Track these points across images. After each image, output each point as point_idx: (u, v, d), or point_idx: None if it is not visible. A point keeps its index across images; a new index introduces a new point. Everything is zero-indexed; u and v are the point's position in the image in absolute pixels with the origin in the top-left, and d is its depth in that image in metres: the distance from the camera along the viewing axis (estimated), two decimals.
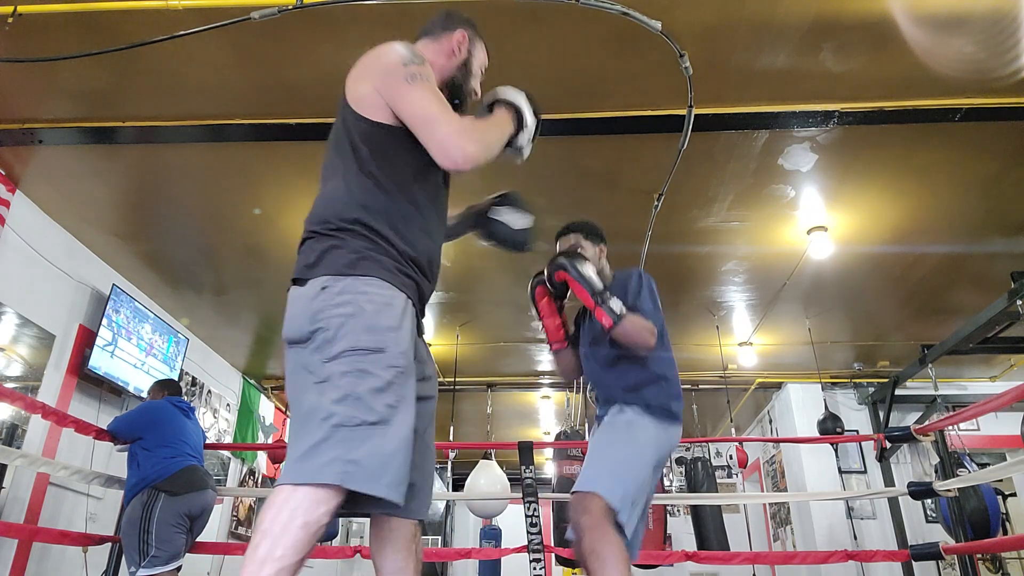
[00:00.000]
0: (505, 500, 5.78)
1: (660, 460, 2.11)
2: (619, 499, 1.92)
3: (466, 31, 1.71)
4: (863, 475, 6.72)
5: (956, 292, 5.14)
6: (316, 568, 7.90)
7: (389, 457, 1.25)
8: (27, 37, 2.88)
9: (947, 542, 3.64)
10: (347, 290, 1.36)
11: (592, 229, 2.40)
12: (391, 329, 1.34)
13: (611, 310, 2.07)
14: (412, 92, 1.45)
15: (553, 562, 4.80)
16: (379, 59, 1.52)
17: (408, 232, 1.47)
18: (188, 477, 3.45)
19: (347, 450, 1.22)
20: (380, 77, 1.49)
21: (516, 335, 6.25)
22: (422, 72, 1.48)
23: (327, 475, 1.20)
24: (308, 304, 1.37)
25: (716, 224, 4.34)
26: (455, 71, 1.69)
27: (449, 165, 1.43)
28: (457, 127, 1.42)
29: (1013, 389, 2.81)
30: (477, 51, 1.74)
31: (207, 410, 6.26)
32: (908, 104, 3.27)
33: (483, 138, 1.48)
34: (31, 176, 3.89)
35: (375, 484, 1.22)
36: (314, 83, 3.21)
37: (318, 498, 1.20)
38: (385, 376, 1.30)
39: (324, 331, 1.33)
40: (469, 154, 1.41)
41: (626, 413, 2.15)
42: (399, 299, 1.40)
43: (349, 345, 1.30)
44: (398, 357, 1.33)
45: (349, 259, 1.39)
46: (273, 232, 4.37)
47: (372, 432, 1.25)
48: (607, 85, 3.23)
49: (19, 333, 4.05)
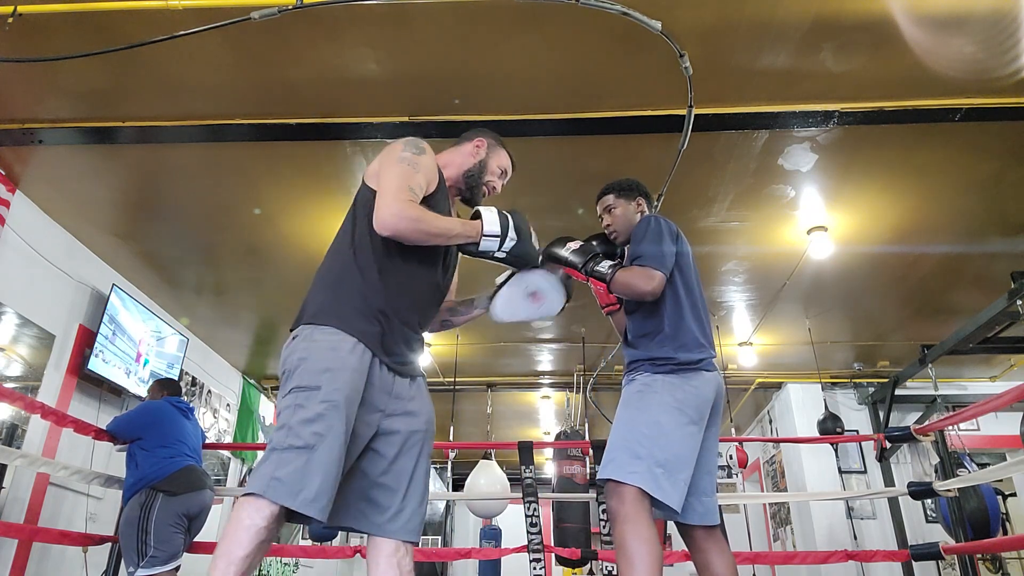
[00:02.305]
0: (505, 500, 5.79)
1: (695, 413, 2.01)
2: (646, 477, 1.86)
3: (486, 139, 2.05)
4: (863, 475, 6.72)
5: (956, 292, 5.14)
6: (316, 568, 7.91)
7: (310, 477, 1.48)
8: (27, 37, 2.88)
9: (947, 542, 3.64)
10: (306, 338, 1.64)
11: (625, 185, 2.40)
12: (328, 370, 1.58)
13: (600, 274, 2.11)
14: (393, 168, 1.74)
15: (553, 562, 4.80)
16: (393, 144, 1.83)
17: (381, 287, 1.71)
18: (186, 477, 3.45)
19: (275, 468, 1.49)
20: (384, 155, 1.81)
21: (516, 335, 6.25)
22: (413, 160, 1.77)
23: (256, 487, 1.48)
24: (284, 350, 1.68)
25: (716, 224, 4.34)
26: (472, 167, 2.01)
27: (376, 224, 1.66)
28: (399, 201, 1.66)
29: (1013, 389, 2.81)
30: (495, 155, 2.05)
31: (207, 410, 6.26)
32: (908, 104, 3.26)
33: (415, 217, 1.67)
34: (31, 176, 3.89)
35: (292, 499, 1.46)
36: (314, 83, 3.21)
37: (257, 507, 1.46)
38: (316, 409, 1.54)
39: (287, 372, 1.63)
40: (389, 222, 1.64)
41: (635, 382, 2.11)
42: (346, 343, 1.63)
43: (295, 384, 1.59)
44: (332, 393, 1.56)
45: (314, 311, 1.68)
46: (273, 232, 4.37)
47: (298, 455, 1.50)
48: (607, 85, 3.23)
49: (19, 333, 4.05)
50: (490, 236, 1.80)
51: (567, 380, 7.21)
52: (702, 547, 2.08)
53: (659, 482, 1.87)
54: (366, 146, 3.59)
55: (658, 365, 2.07)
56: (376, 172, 1.78)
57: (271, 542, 1.50)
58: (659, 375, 2.05)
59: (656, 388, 2.03)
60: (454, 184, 1.99)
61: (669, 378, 2.04)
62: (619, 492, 1.89)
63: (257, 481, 1.49)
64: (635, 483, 1.87)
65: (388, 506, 1.68)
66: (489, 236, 1.80)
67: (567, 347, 6.47)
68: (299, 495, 1.47)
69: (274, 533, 1.50)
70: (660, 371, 2.06)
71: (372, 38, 2.97)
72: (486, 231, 1.80)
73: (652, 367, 2.08)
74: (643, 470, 1.88)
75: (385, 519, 1.68)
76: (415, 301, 1.80)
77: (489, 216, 1.82)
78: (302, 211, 4.16)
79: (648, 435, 1.94)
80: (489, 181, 2.03)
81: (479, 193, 2.02)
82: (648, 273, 2.06)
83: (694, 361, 2.07)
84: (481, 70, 3.14)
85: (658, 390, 2.03)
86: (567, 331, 6.10)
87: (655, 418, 1.97)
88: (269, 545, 1.50)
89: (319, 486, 1.49)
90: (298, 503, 1.46)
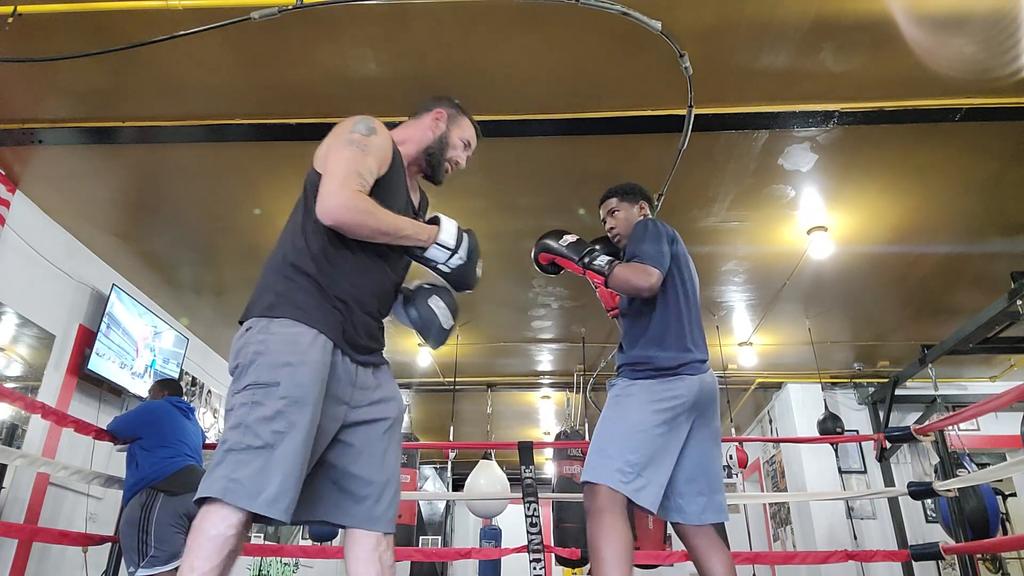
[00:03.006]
0: (505, 500, 5.79)
1: (670, 414, 2.01)
2: (615, 477, 1.90)
3: (445, 109, 1.89)
4: (863, 475, 6.72)
5: (956, 292, 5.14)
6: (316, 568, 7.90)
7: (269, 477, 1.41)
8: (27, 37, 2.88)
9: (947, 542, 3.64)
10: (262, 330, 1.54)
11: (628, 189, 2.42)
12: (288, 365, 1.49)
13: (598, 268, 2.12)
14: (341, 152, 1.61)
15: (553, 562, 4.80)
16: (341, 124, 1.70)
17: (337, 274, 1.62)
18: (187, 477, 3.45)
19: (232, 470, 1.41)
20: (332, 136, 1.68)
21: (516, 335, 6.25)
22: (362, 141, 1.64)
23: (213, 490, 1.39)
24: (235, 343, 1.59)
25: (716, 224, 4.34)
26: (432, 142, 1.86)
27: (318, 212, 1.55)
28: (347, 189, 1.55)
29: (1013, 389, 2.81)
30: (457, 126, 1.89)
31: (207, 410, 6.26)
32: (908, 104, 3.27)
33: (363, 209, 1.56)
34: (31, 176, 3.89)
35: (252, 501, 1.39)
36: (314, 83, 3.21)
37: (221, 515, 1.39)
38: (275, 406, 1.46)
39: (240, 367, 1.54)
40: (333, 211, 1.54)
41: (615, 386, 2.15)
42: (307, 335, 1.53)
43: (251, 380, 1.50)
44: (292, 389, 1.47)
45: (269, 302, 1.58)
46: (273, 232, 4.29)
47: (256, 455, 1.42)
48: (607, 85, 3.23)
49: (19, 333, 4.05)
50: (442, 247, 1.73)
51: (567, 380, 7.21)
52: (697, 547, 2.11)
53: (629, 481, 1.91)
54: None
55: (637, 371, 2.12)
56: (324, 155, 1.65)
57: (240, 550, 1.42)
58: (638, 380, 2.10)
59: (632, 391, 2.08)
60: (414, 162, 1.85)
61: (646, 383, 2.08)
62: (592, 491, 1.94)
63: (213, 484, 1.40)
64: (604, 482, 1.91)
65: (365, 495, 1.61)
66: (441, 246, 1.73)
67: (567, 347, 6.47)
68: (259, 496, 1.39)
69: (243, 539, 1.42)
70: (639, 376, 2.10)
71: (372, 38, 2.97)
72: (440, 239, 1.72)
73: (632, 372, 2.13)
74: (612, 470, 1.92)
75: (363, 509, 1.60)
76: (374, 288, 1.70)
77: (448, 227, 1.74)
78: None
79: (619, 435, 1.99)
80: (452, 156, 1.88)
81: (441, 170, 1.88)
82: (646, 269, 2.07)
83: (674, 367, 2.09)
84: (481, 70, 3.14)
85: (633, 393, 2.07)
86: (567, 331, 6.10)
87: (628, 418, 2.02)
88: (239, 552, 1.42)
89: (279, 486, 1.41)
90: (258, 505, 1.39)
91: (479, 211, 4.12)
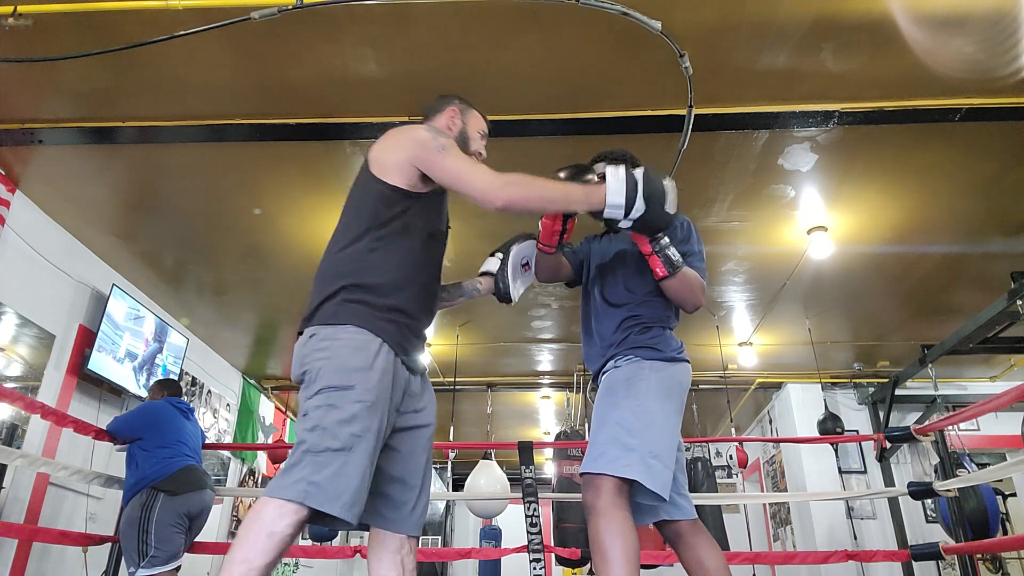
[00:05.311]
0: (505, 500, 5.78)
1: (680, 403, 1.96)
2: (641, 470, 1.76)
3: (456, 106, 1.95)
4: (863, 475, 6.72)
5: (956, 292, 5.14)
6: (316, 568, 7.91)
7: (348, 480, 1.44)
8: (27, 37, 2.87)
9: (947, 542, 3.64)
10: (327, 337, 1.58)
11: (620, 156, 2.08)
12: (359, 369, 1.54)
13: (668, 259, 1.92)
14: (446, 159, 1.69)
15: (553, 562, 4.80)
16: (411, 137, 1.75)
17: (396, 284, 1.67)
18: (187, 477, 3.45)
19: (312, 472, 1.42)
20: (414, 150, 1.72)
21: (516, 335, 6.25)
22: (448, 144, 1.72)
23: (291, 492, 1.40)
24: (299, 351, 1.62)
25: (716, 224, 4.34)
26: (455, 138, 1.89)
27: (490, 208, 1.63)
28: (491, 174, 1.65)
29: (1013, 389, 2.81)
30: (472, 118, 1.96)
31: (207, 410, 6.26)
32: (908, 104, 3.26)
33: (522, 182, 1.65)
34: (31, 176, 3.89)
35: (332, 504, 1.41)
36: (314, 83, 3.21)
37: (283, 512, 1.39)
38: (351, 409, 1.49)
39: (309, 373, 1.57)
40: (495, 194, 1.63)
41: (620, 368, 1.99)
42: (374, 343, 1.59)
43: (324, 384, 1.53)
44: (365, 393, 1.52)
45: (332, 310, 1.62)
46: (273, 232, 4.36)
47: (335, 458, 1.44)
48: (607, 85, 3.23)
49: (19, 333, 4.05)
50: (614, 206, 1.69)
51: (567, 380, 7.20)
52: (691, 543, 1.99)
53: (658, 475, 1.78)
54: (366, 146, 3.54)
55: (656, 351, 1.98)
56: (398, 164, 1.71)
57: None
58: (654, 361, 1.96)
59: (644, 375, 1.93)
60: None
61: (657, 364, 1.96)
62: (595, 484, 1.79)
63: (293, 486, 1.40)
64: (625, 475, 1.76)
65: (404, 501, 1.66)
66: (613, 206, 1.69)
67: (567, 347, 6.47)
68: (338, 500, 1.41)
69: (296, 539, 1.43)
70: (655, 358, 1.96)
71: (372, 38, 2.97)
72: (610, 202, 1.68)
73: (646, 353, 1.98)
74: (636, 462, 1.77)
75: (399, 515, 1.65)
76: (423, 296, 1.76)
77: (614, 186, 1.68)
78: (302, 211, 4.16)
79: (642, 425, 1.84)
80: (475, 149, 1.94)
81: None
82: (703, 288, 2.01)
83: (680, 351, 2.04)
84: (481, 70, 3.14)
85: (646, 376, 1.92)
86: (567, 331, 6.10)
87: (648, 406, 1.87)
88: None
89: (357, 490, 1.44)
90: (338, 509, 1.40)
91: (479, 211, 4.10)
